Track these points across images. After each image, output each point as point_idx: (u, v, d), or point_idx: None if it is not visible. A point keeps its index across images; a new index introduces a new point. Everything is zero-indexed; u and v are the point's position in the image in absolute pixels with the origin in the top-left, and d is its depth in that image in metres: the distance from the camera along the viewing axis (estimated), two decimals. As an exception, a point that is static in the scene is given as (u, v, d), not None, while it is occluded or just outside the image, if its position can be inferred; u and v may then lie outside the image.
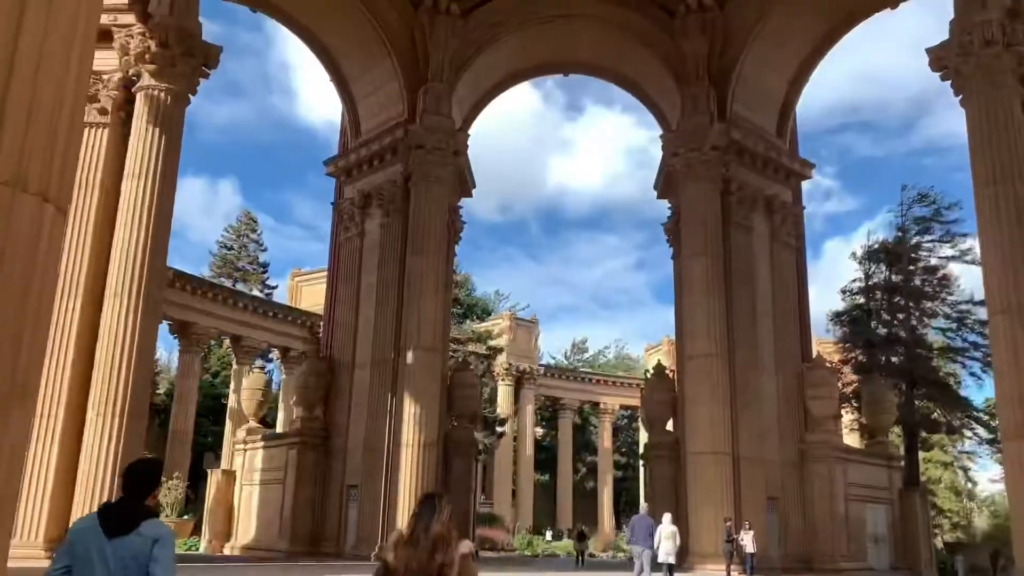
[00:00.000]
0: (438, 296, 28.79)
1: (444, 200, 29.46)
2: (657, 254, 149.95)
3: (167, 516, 39.40)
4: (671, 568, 21.13)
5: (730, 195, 29.18)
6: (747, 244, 29.56)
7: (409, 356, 27.89)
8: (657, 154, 31.70)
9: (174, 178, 23.07)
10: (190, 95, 23.95)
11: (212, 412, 55.97)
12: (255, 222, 67.15)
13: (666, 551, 20.57)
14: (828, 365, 31.26)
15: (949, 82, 22.03)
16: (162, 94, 22.75)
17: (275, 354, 53.68)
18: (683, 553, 27.48)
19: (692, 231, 28.34)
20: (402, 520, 25.64)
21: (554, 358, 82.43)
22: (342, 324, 31.57)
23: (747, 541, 22.56)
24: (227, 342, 52.44)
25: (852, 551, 28.69)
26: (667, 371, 33.09)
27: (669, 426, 33.09)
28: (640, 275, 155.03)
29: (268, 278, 66.54)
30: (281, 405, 49.49)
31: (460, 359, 38.99)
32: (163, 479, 41.28)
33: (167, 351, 62.90)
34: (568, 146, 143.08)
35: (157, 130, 22.57)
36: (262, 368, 41.01)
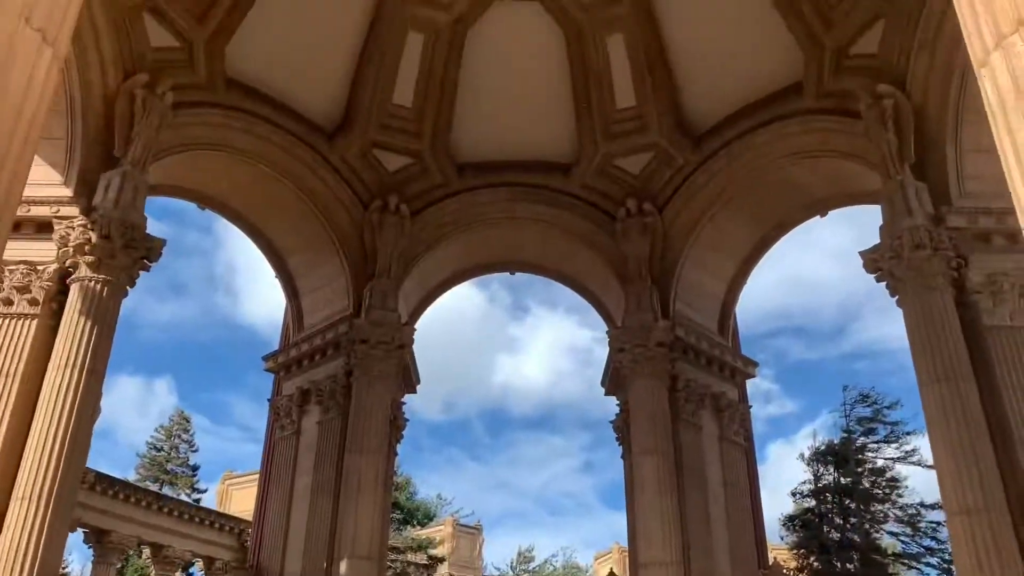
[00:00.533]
0: (377, 498, 27.22)
1: (387, 396, 28.64)
2: (604, 456, 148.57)
3: None
4: None
5: (677, 392, 28.97)
6: (696, 442, 29.01)
7: (343, 566, 25.85)
8: (601, 354, 31.82)
9: (102, 373, 22.00)
10: (128, 287, 23.39)
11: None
12: (188, 421, 64.80)
13: None
14: (785, 573, 29.89)
15: (884, 284, 22.75)
16: (98, 286, 22.13)
17: (199, 565, 49.87)
18: None
19: (641, 428, 27.79)
20: None
21: (499, 569, 78.22)
22: (272, 530, 29.44)
23: None
24: (147, 552, 48.64)
25: None
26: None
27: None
28: (587, 478, 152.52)
29: (198, 481, 63.35)
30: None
31: (399, 570, 36.50)
32: None
33: (80, 563, 58.04)
34: (513, 345, 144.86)
35: (89, 322, 21.74)
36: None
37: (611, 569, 32.28)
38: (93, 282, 22.11)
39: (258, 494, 31.57)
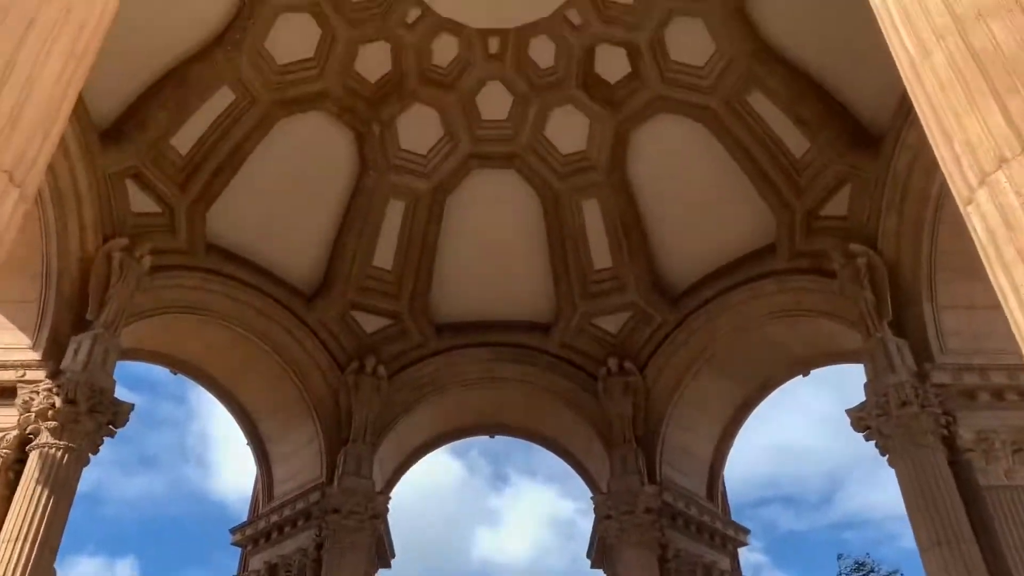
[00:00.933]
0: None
1: (359, 569, 26.99)
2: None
3: None
4: None
5: (668, 562, 27.58)
6: (689, 619, 27.33)
7: None
8: (584, 526, 30.58)
9: (56, 546, 20.62)
10: (90, 454, 22.36)
11: None
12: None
13: None
14: None
15: (873, 443, 22.22)
16: (59, 452, 21.15)
17: None
18: None
19: (632, 604, 26.16)
20: None
21: None
22: None
23: None
24: None
25: None
26: None
27: None
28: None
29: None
30: None
31: None
32: None
33: None
34: (493, 518, 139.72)
35: (47, 492, 20.60)
36: None
37: None
38: (54, 449, 21.18)
39: None
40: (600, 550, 30.25)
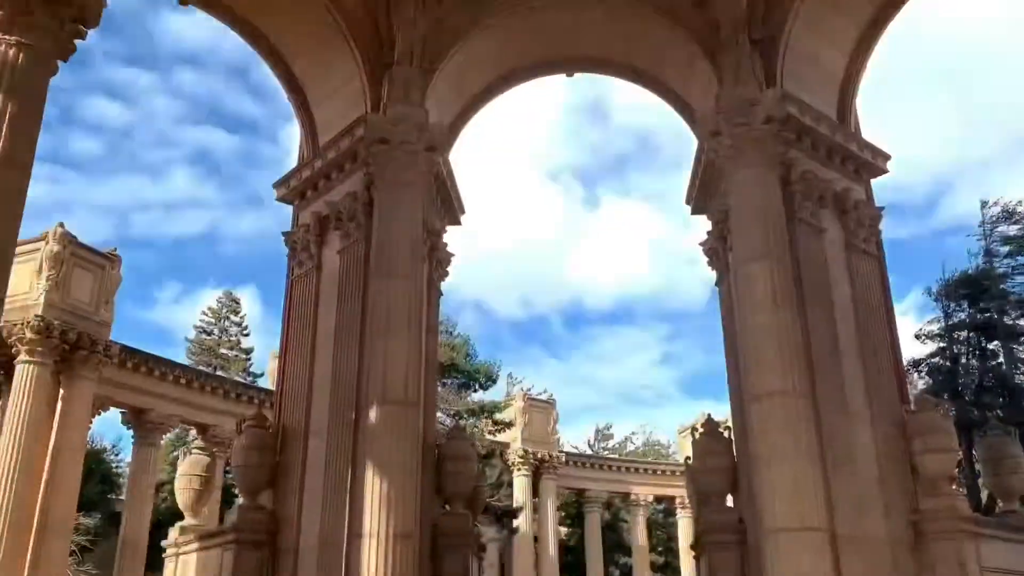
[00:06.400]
0: (412, 335, 21.70)
1: (416, 209, 22.74)
2: (682, 348, 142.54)
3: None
4: None
5: (791, 186, 22.41)
6: (818, 249, 22.56)
7: (372, 414, 20.65)
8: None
9: (26, 164, 16.68)
10: (59, 60, 17.74)
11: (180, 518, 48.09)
12: (237, 303, 60.64)
13: None
14: (940, 406, 23.55)
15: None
16: (11, 50, 16.58)
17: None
18: None
19: (748, 230, 21.35)
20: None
21: (576, 448, 73.99)
22: (293, 382, 24.47)
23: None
24: (194, 434, 45.22)
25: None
26: (721, 428, 25.54)
27: (729, 501, 25.36)
28: (666, 370, 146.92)
29: (252, 365, 59.56)
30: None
31: (454, 425, 31.53)
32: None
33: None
34: (587, 238, 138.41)
35: (4, 98, 16.33)
36: (203, 449, 33.56)
37: (708, 415, 26.42)
38: (4, 46, 16.53)
39: (280, 345, 26.61)
40: (704, 186, 25.32)
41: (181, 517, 27.71)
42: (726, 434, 25.54)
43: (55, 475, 35.83)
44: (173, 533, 26.73)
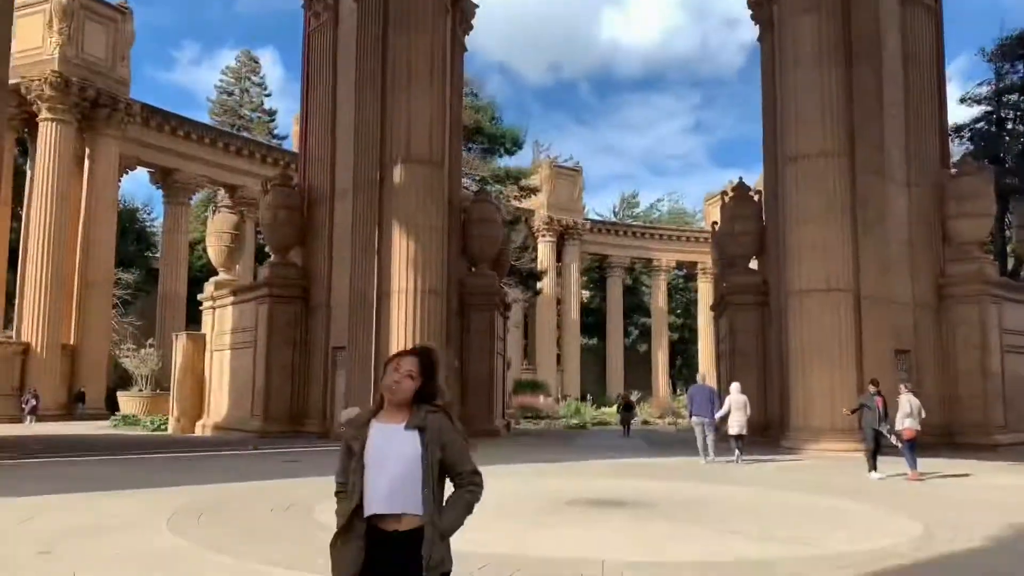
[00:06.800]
0: (434, 90, 20.85)
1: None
2: (714, 116, 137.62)
3: (140, 391, 33.69)
4: (740, 440, 16.72)
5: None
6: (871, 0, 20.80)
7: (396, 173, 20.33)
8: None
9: None
10: None
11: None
12: (256, 62, 58.75)
13: (737, 423, 16.95)
14: (983, 171, 22.79)
15: None
16: None
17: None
18: (780, 428, 20.45)
19: (796, -23, 19.60)
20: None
21: (601, 215, 74.17)
22: (316, 142, 24.05)
23: (904, 413, 14.70)
24: (222, 194, 45.49)
25: (1010, 420, 21.27)
26: (752, 193, 25.15)
27: (753, 264, 25.53)
28: (696, 138, 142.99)
29: (276, 128, 58.79)
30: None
31: (480, 189, 31.34)
32: (135, 348, 35.33)
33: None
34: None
35: None
36: (231, 208, 33.88)
37: (739, 179, 25.85)
38: None
39: (301, 105, 25.88)
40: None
41: (215, 274, 28.54)
42: (756, 198, 25.23)
43: (90, 232, 36.64)
44: (208, 287, 27.65)
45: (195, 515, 8.42)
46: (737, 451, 16.51)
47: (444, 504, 3.00)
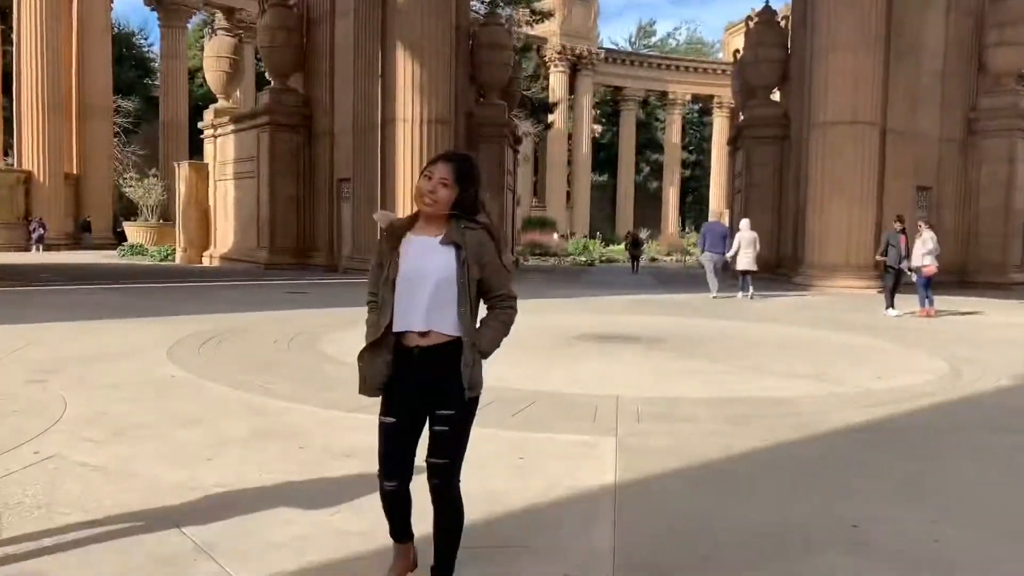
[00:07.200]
0: None
1: None
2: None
3: (146, 221, 33.39)
4: (748, 276, 16.49)
5: None
6: None
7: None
8: None
9: None
10: None
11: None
12: None
13: (746, 259, 16.66)
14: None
15: None
16: None
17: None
18: (793, 265, 20.16)
19: None
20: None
21: (616, 44, 71.05)
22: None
23: (922, 249, 14.26)
24: (220, 18, 43.32)
25: (1029, 261, 20.95)
26: (779, 18, 23.65)
27: (775, 96, 24.40)
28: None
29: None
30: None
31: (489, 12, 29.63)
32: (138, 177, 34.74)
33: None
34: None
35: None
36: (228, 31, 32.30)
37: (751, 19, 24.25)
38: None
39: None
40: None
41: (216, 102, 27.49)
42: (783, 24, 23.76)
43: (84, 56, 35.21)
44: (208, 115, 26.71)
45: (196, 345, 8.20)
46: (748, 288, 16.37)
47: (479, 324, 2.80)
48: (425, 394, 2.73)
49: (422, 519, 2.78)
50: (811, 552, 3.18)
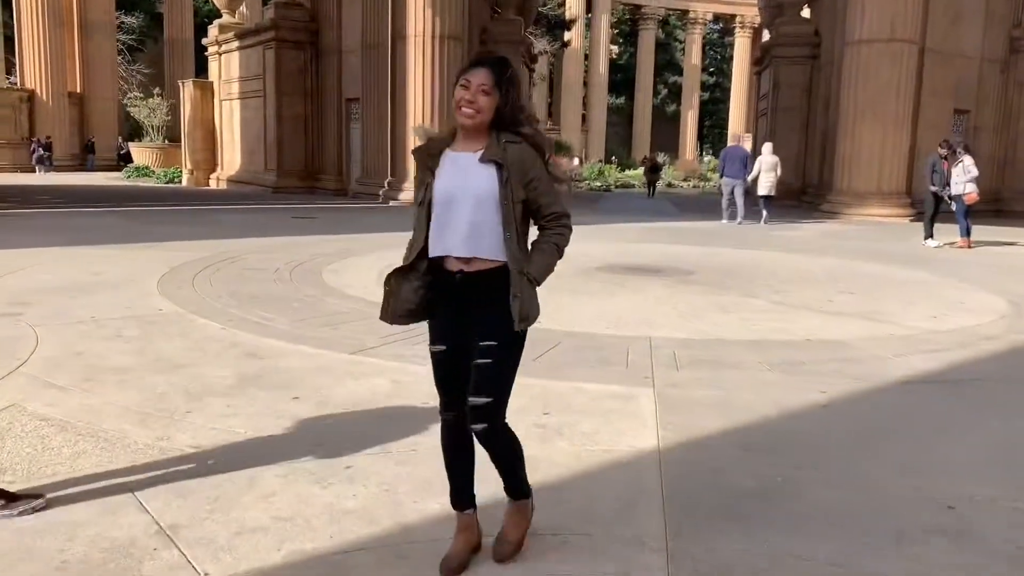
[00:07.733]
0: None
1: None
2: None
3: (152, 142, 32.55)
4: (768, 201, 16.02)
5: None
6: None
7: None
8: None
9: None
10: None
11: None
12: None
13: (767, 184, 16.11)
14: None
15: None
16: None
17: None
18: (819, 191, 19.31)
19: None
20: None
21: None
22: None
23: (964, 176, 13.40)
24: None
25: (1066, 190, 19.97)
26: (812, -75, 22.24)
27: (805, 13, 23.13)
28: None
29: None
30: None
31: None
32: (143, 97, 33.74)
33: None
34: None
35: None
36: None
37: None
38: None
39: None
40: None
41: (220, 17, 26.36)
42: (817, -67, 22.34)
43: (82, -32, 33.96)
44: (212, 31, 25.63)
45: (190, 275, 7.62)
46: (765, 212, 15.69)
47: (530, 249, 2.50)
48: (469, 323, 2.45)
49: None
50: (903, 543, 2.61)
